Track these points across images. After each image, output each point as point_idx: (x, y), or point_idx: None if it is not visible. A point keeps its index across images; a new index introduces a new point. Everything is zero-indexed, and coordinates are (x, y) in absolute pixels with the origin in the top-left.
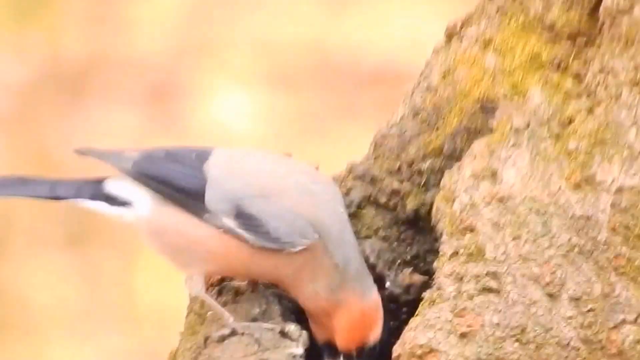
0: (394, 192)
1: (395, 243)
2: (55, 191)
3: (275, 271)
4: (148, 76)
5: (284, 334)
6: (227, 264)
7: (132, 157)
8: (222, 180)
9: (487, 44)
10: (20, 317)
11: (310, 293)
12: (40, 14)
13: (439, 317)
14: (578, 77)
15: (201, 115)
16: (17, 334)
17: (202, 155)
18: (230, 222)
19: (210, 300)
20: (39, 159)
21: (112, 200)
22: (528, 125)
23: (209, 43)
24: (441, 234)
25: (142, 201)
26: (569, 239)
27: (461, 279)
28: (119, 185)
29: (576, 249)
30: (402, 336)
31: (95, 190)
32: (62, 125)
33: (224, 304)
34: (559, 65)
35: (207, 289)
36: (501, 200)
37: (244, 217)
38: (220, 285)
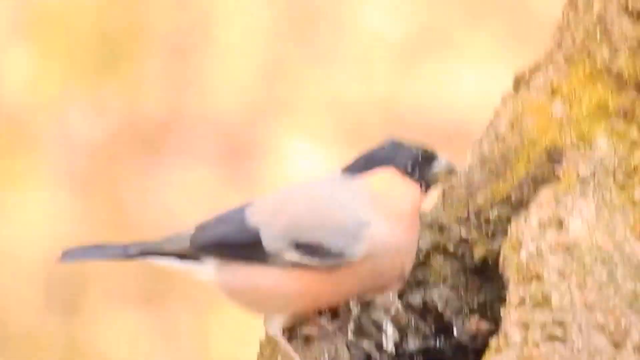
0: (462, 241)
1: (463, 291)
2: (128, 252)
3: (359, 282)
4: (224, 134)
5: None
6: (310, 300)
7: (188, 234)
8: (271, 222)
9: (554, 92)
10: None
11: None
12: (118, 71)
13: None
14: None
15: (276, 173)
16: None
17: (246, 208)
18: (293, 256)
19: (285, 344)
20: (114, 217)
21: (182, 256)
22: (594, 175)
23: (284, 101)
24: (508, 282)
25: (208, 262)
26: (634, 288)
27: (527, 326)
28: None
29: None
30: None
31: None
32: (138, 182)
33: (294, 351)
34: (625, 114)
35: (284, 332)
36: (567, 248)
37: (302, 247)
38: (290, 332)
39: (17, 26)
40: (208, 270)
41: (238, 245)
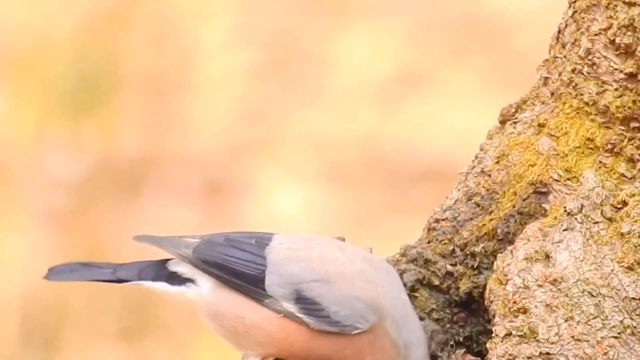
0: (448, 275)
1: (448, 325)
2: (117, 274)
3: (335, 354)
4: (203, 172)
5: None
6: (285, 347)
7: (192, 243)
8: (282, 265)
9: (541, 127)
10: None
11: None
12: (96, 110)
13: None
14: (631, 161)
15: (256, 211)
16: None
17: (262, 241)
18: (290, 307)
19: None
20: (92, 255)
21: (173, 280)
22: (581, 209)
23: (264, 139)
24: (494, 316)
25: (203, 282)
26: (622, 321)
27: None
28: (181, 266)
29: (628, 331)
30: None
31: (158, 271)
32: (117, 221)
33: None
34: (612, 149)
35: None
36: (554, 282)
37: (304, 302)
38: None
39: None
40: (199, 289)
41: (241, 274)
